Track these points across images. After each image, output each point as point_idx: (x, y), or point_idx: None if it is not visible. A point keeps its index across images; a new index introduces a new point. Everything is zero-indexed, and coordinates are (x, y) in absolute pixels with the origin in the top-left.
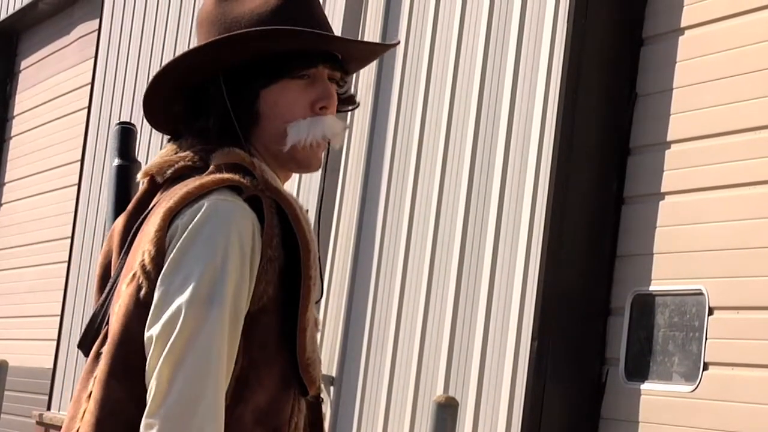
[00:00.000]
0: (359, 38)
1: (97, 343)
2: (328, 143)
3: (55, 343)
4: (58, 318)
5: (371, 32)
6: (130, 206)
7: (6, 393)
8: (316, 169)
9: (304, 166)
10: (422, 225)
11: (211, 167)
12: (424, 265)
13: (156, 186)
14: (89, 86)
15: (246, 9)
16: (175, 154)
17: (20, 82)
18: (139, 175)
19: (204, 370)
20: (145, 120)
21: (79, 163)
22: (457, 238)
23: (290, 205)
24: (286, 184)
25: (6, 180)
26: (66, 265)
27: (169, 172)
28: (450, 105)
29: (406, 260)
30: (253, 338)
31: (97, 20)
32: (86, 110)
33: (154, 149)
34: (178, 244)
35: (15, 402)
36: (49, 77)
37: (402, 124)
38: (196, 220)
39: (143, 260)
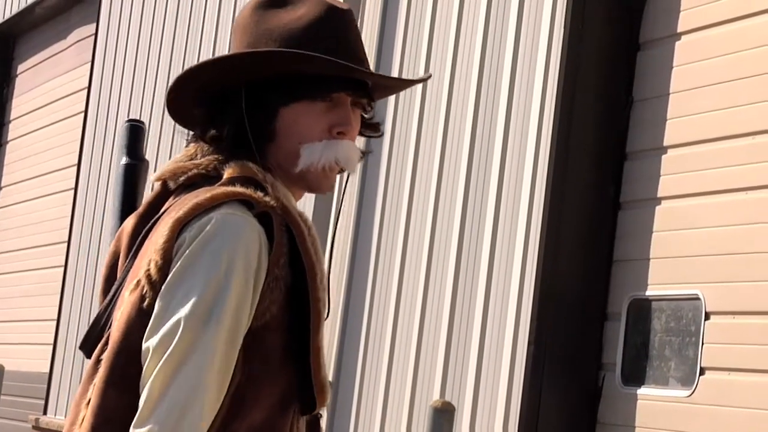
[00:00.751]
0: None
1: (99, 347)
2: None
3: (51, 347)
4: (55, 322)
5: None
6: (140, 208)
7: (2, 397)
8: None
9: (314, 189)
10: (419, 227)
11: (224, 178)
12: (421, 269)
13: (168, 191)
14: (86, 90)
15: (280, 22)
16: (190, 160)
17: (17, 86)
18: (152, 178)
19: (195, 385)
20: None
21: (75, 167)
22: (453, 242)
23: (298, 225)
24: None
25: (3, 184)
26: (63, 269)
27: (182, 178)
28: (447, 108)
29: (402, 262)
30: (252, 355)
31: (94, 24)
32: (83, 114)
33: (159, 147)
34: (184, 256)
35: (11, 406)
36: (46, 81)
37: (398, 134)
38: (203, 233)
39: (149, 270)
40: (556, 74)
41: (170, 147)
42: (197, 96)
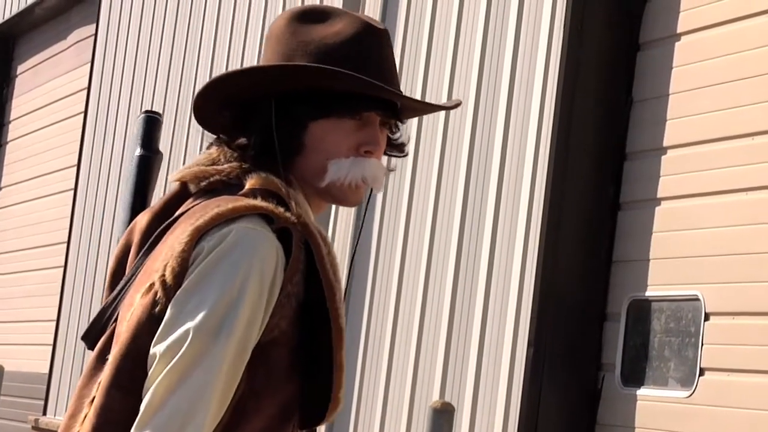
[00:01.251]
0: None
1: (102, 340)
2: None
3: (51, 347)
4: (55, 323)
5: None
6: (156, 205)
7: (2, 398)
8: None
9: (340, 201)
10: (419, 229)
11: (246, 188)
12: (421, 271)
13: (187, 192)
14: (86, 91)
15: (316, 36)
16: (212, 165)
17: (17, 87)
18: (171, 178)
19: (199, 395)
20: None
21: (75, 168)
22: (453, 243)
23: (317, 243)
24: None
25: (3, 184)
26: (62, 269)
27: (204, 183)
28: (446, 111)
29: (402, 264)
30: (257, 368)
31: (94, 25)
32: (83, 115)
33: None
34: (200, 266)
35: (11, 407)
36: (46, 82)
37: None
38: (222, 244)
39: (164, 275)
40: (556, 74)
41: (169, 146)
42: (225, 103)
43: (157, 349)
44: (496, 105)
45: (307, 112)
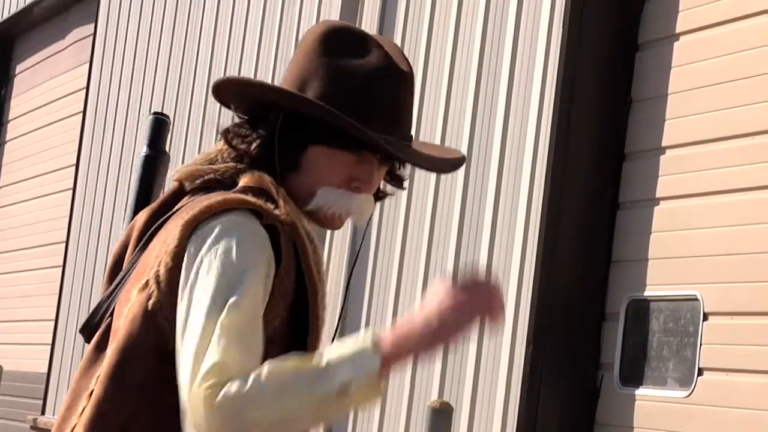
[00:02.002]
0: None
1: (98, 333)
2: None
3: (49, 347)
4: (53, 322)
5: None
6: (154, 204)
7: (0, 397)
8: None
9: (321, 225)
10: (417, 232)
11: (238, 186)
12: (419, 272)
13: (183, 190)
14: (84, 91)
15: (339, 64)
16: (209, 164)
17: (15, 87)
18: (170, 176)
19: (243, 353)
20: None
21: (74, 167)
22: (452, 244)
23: (303, 243)
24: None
25: (1, 184)
26: (61, 269)
27: (198, 181)
28: (445, 111)
29: (401, 264)
30: None
31: (92, 25)
32: (81, 115)
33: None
34: (198, 257)
35: (9, 407)
36: (44, 82)
37: None
38: (213, 235)
39: (158, 271)
40: (555, 74)
41: (169, 144)
42: (238, 103)
43: (182, 347)
44: (495, 105)
45: (311, 135)
